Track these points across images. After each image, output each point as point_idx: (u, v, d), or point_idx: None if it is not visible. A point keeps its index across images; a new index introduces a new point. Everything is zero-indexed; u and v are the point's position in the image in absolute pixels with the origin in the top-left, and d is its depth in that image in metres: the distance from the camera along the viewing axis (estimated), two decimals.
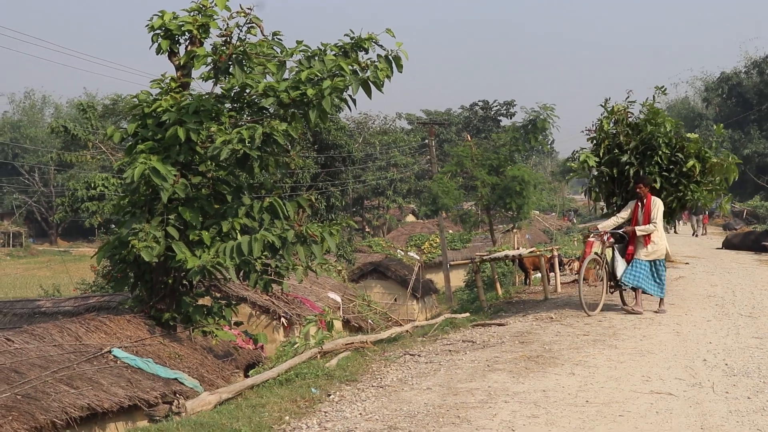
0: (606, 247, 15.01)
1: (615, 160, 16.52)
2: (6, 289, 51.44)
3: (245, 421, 8.53)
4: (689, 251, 30.35)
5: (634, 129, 16.82)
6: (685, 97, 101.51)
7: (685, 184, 16.35)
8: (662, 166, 16.31)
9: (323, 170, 47.23)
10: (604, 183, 16.99)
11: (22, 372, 11.91)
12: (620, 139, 16.70)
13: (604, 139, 16.85)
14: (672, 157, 16.39)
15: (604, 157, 16.63)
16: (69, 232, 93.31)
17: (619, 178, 16.61)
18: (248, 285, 15.92)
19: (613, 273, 15.03)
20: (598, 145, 16.93)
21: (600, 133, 17.04)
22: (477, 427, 7.83)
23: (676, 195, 16.47)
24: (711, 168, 16.61)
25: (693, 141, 16.52)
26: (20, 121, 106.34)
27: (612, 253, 15.04)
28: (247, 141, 13.65)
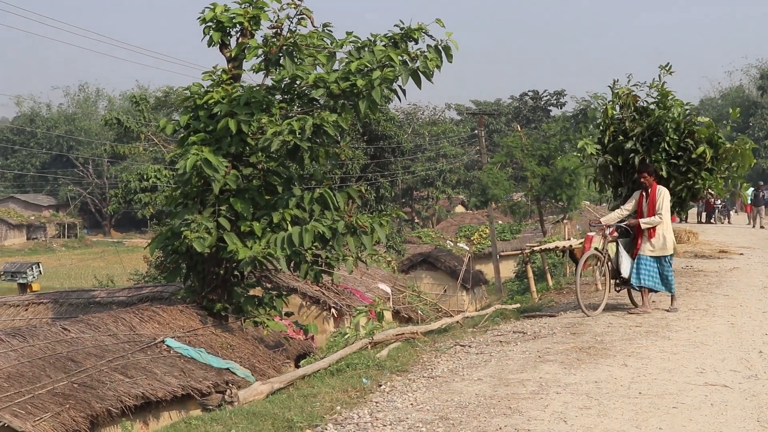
0: (609, 242, 13.73)
1: (620, 148, 15.52)
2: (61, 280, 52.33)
3: (297, 410, 8.57)
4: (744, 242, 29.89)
5: (642, 114, 15.79)
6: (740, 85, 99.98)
7: (695, 172, 15.30)
8: (670, 153, 15.27)
9: (373, 161, 47.27)
10: (609, 172, 15.98)
11: (78, 361, 12.10)
12: (626, 125, 15.68)
13: (609, 125, 15.85)
14: (681, 144, 15.29)
15: (608, 145, 15.65)
16: (122, 223, 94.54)
17: (625, 167, 15.57)
18: (299, 276, 16.01)
19: (617, 270, 13.79)
20: (603, 132, 15.94)
21: (605, 119, 16.04)
22: (528, 418, 7.79)
23: (685, 184, 15.44)
24: (725, 154, 15.55)
25: (706, 125, 15.46)
26: (75, 114, 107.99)
27: (616, 249, 13.83)
28: (298, 132, 13.71)
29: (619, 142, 15.44)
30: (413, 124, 73.04)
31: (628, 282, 13.75)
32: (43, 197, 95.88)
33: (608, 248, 13.64)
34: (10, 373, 11.11)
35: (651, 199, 13.74)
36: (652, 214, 13.64)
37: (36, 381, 11.15)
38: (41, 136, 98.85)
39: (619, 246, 13.75)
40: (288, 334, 18.63)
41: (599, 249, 13.56)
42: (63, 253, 76.98)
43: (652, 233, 13.60)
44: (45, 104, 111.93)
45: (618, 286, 14.10)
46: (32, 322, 18.02)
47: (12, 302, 20.47)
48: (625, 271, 13.64)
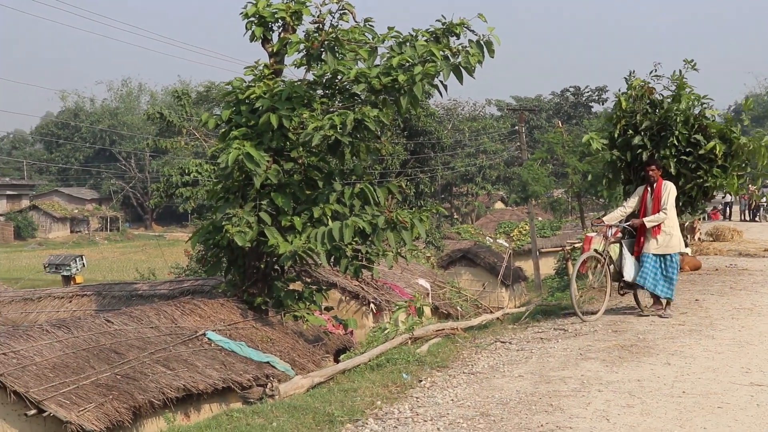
0: (611, 243, 12.80)
1: (629, 143, 14.86)
2: (104, 272, 52.88)
3: (338, 404, 8.59)
4: None
5: (656, 107, 15.07)
6: None
7: (705, 169, 14.55)
8: (679, 149, 14.59)
9: (412, 157, 47.23)
10: (619, 168, 15.21)
11: (121, 353, 12.23)
12: (636, 119, 14.97)
13: (620, 118, 15.15)
14: (690, 139, 14.60)
15: (618, 139, 14.97)
16: (163, 217, 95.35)
17: (633, 164, 14.88)
18: (338, 270, 16.04)
19: (620, 272, 12.87)
20: (614, 125, 15.27)
21: (616, 112, 15.32)
22: (570, 415, 7.74)
23: (695, 182, 14.70)
24: (739, 150, 14.78)
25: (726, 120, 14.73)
26: (117, 109, 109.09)
27: (619, 250, 12.90)
28: (339, 127, 13.73)
29: (628, 136, 14.84)
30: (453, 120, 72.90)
31: (633, 285, 12.95)
32: (86, 191, 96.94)
33: (610, 250, 12.78)
34: (55, 364, 11.25)
35: (656, 194, 12.88)
36: (656, 209, 12.79)
37: (80, 372, 11.28)
38: (85, 131, 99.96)
39: (623, 247, 12.89)
40: (327, 328, 18.67)
41: (599, 251, 12.69)
42: (105, 246, 77.78)
43: (656, 230, 12.76)
44: (89, 99, 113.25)
45: (622, 290, 13.25)
46: (76, 314, 18.24)
47: (56, 294, 20.75)
48: (628, 273, 12.77)
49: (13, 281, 42.07)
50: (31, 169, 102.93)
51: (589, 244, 12.65)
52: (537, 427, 7.41)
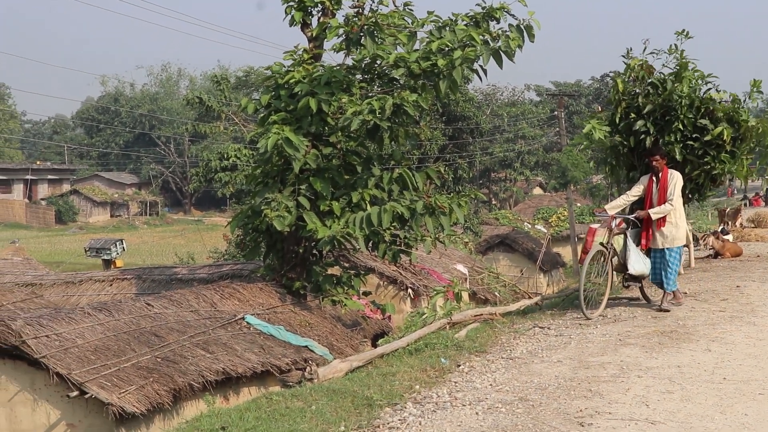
0: (615, 235, 12.21)
1: (631, 127, 14.09)
2: (143, 256, 53.34)
3: (376, 388, 8.63)
4: None
5: (657, 88, 14.21)
6: None
7: (713, 155, 13.83)
8: (685, 134, 13.81)
9: (451, 142, 47.12)
10: (621, 154, 14.51)
11: (161, 336, 12.34)
12: (638, 102, 14.10)
13: (620, 101, 14.31)
14: (697, 123, 13.84)
15: (620, 124, 14.23)
16: (202, 201, 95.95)
17: (637, 149, 14.12)
18: (377, 255, 16.06)
19: (624, 265, 12.29)
20: (614, 109, 14.45)
21: (615, 94, 14.46)
22: (609, 401, 7.71)
23: (702, 168, 13.97)
24: (747, 134, 14.06)
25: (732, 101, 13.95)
26: (157, 94, 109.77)
27: (623, 242, 12.29)
28: (378, 112, 13.72)
29: (630, 120, 14.11)
30: (492, 105, 72.58)
31: (638, 278, 12.44)
32: (126, 175, 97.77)
33: (614, 241, 12.20)
34: (96, 347, 11.38)
35: (662, 184, 12.34)
36: (663, 200, 12.25)
37: (121, 354, 11.40)
38: (125, 115, 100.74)
39: (627, 239, 12.31)
40: (365, 313, 18.71)
41: (604, 243, 12.09)
42: (145, 231, 78.45)
43: (662, 222, 12.27)
44: (129, 84, 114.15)
45: (626, 282, 12.78)
46: (117, 297, 18.43)
47: (97, 278, 20.97)
48: (633, 266, 12.18)
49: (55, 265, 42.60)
50: (71, 153, 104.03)
51: (593, 237, 12.20)
52: (576, 413, 7.39)
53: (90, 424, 10.77)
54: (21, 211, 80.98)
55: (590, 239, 12.20)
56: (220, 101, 34.88)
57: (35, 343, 10.86)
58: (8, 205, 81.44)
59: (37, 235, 70.24)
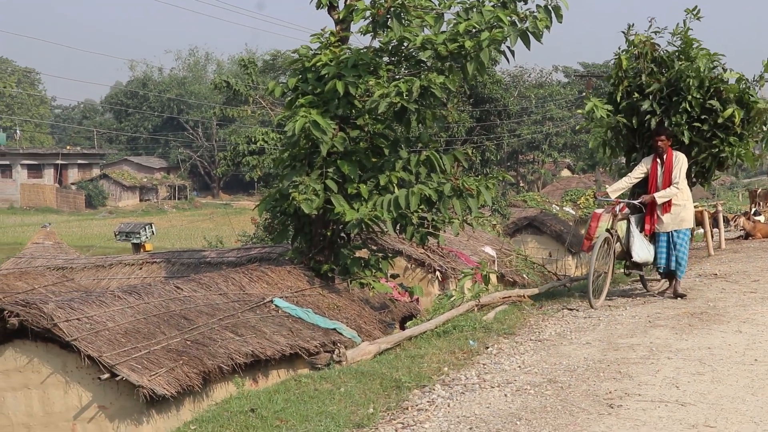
0: (619, 220, 11.84)
1: (635, 107, 13.55)
2: (172, 240, 53.74)
3: (405, 371, 8.65)
4: None
5: (661, 66, 13.66)
6: None
7: (721, 138, 13.23)
8: (692, 116, 13.24)
9: (478, 124, 46.97)
10: (622, 135, 13.98)
11: (191, 318, 12.41)
12: (642, 80, 13.58)
13: (622, 79, 13.75)
14: (705, 104, 13.22)
15: (621, 103, 13.65)
16: (230, 185, 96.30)
17: (640, 130, 13.62)
18: (404, 238, 16.04)
19: (628, 252, 11.92)
20: (615, 87, 13.89)
21: (617, 72, 13.90)
22: (639, 383, 7.68)
23: (710, 151, 13.37)
24: (757, 116, 13.51)
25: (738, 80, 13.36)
26: (185, 78, 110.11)
27: (627, 227, 11.93)
28: (405, 94, 13.67)
29: (633, 100, 13.54)
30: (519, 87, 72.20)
31: (641, 265, 12.11)
32: (155, 160, 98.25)
33: (618, 227, 11.85)
34: (127, 329, 11.47)
35: (667, 166, 11.97)
36: (668, 183, 11.91)
37: (151, 337, 11.48)
38: (153, 100, 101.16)
39: (631, 224, 11.94)
40: (393, 296, 18.72)
41: (609, 229, 11.72)
42: (174, 215, 78.92)
43: (667, 206, 11.93)
44: (157, 68, 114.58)
45: (628, 269, 12.39)
46: (146, 281, 18.56)
47: (127, 261, 21.14)
48: (637, 254, 11.80)
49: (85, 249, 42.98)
50: (101, 138, 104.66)
51: (597, 222, 11.71)
52: (605, 394, 7.38)
53: (121, 406, 10.87)
54: (52, 196, 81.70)
55: (594, 225, 11.70)
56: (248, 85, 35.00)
57: (67, 326, 10.95)
58: (39, 189, 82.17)
59: (67, 219, 70.86)
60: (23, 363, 11.35)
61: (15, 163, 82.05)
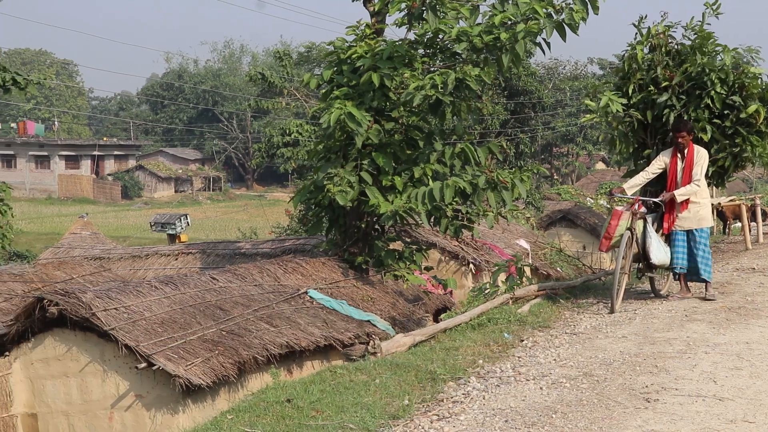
0: (637, 219, 11.21)
1: (649, 101, 12.97)
2: (207, 231, 54.04)
3: (440, 363, 8.66)
4: None
5: (676, 59, 13.16)
6: None
7: (744, 136, 12.64)
8: (714, 112, 12.67)
9: (512, 117, 46.80)
10: (632, 130, 13.34)
11: (226, 309, 12.50)
12: (657, 73, 12.99)
13: (634, 71, 13.25)
14: (727, 100, 12.64)
15: (633, 97, 13.06)
16: (264, 177, 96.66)
17: (654, 125, 13.02)
18: (438, 230, 16.03)
19: (645, 253, 11.27)
20: (627, 80, 13.36)
21: (629, 65, 13.37)
22: (676, 377, 7.64)
23: (730, 150, 12.79)
24: None
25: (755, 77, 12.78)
26: (220, 70, 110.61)
27: (643, 227, 11.30)
28: (440, 86, 13.66)
29: (648, 94, 13.01)
30: (554, 79, 71.83)
31: (656, 268, 11.47)
32: (190, 151, 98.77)
33: (636, 226, 11.21)
34: (163, 319, 11.58)
35: (688, 162, 11.35)
36: (687, 180, 11.30)
37: (187, 327, 11.58)
38: (188, 92, 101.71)
39: (647, 224, 11.34)
40: (427, 288, 18.72)
41: (630, 228, 11.11)
42: (208, 206, 79.37)
43: (685, 204, 11.34)
44: (193, 60, 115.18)
45: (640, 272, 11.75)
46: (182, 271, 18.71)
47: (163, 252, 21.32)
48: (655, 255, 11.15)
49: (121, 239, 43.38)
50: (137, 129, 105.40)
51: (618, 220, 11.08)
52: (641, 388, 7.35)
53: (157, 395, 10.99)
54: (89, 187, 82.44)
55: (614, 223, 11.09)
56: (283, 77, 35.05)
57: (104, 315, 11.08)
58: (77, 180, 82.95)
59: (104, 210, 71.51)
60: (62, 351, 11.51)
61: (53, 154, 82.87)
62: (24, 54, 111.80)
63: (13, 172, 78.59)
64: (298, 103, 37.44)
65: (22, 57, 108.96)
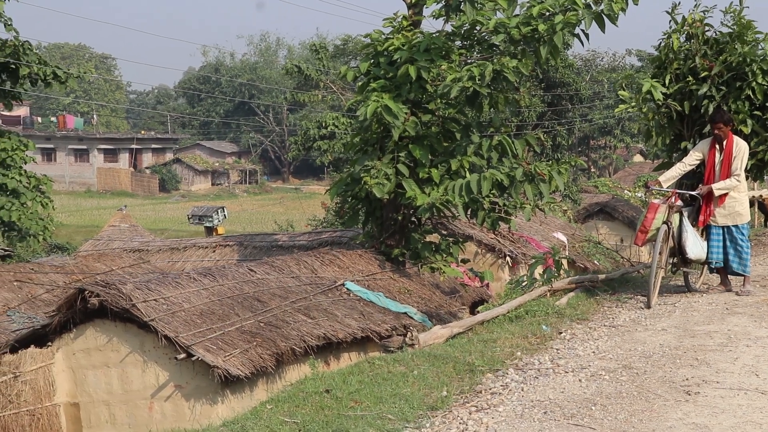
0: (673, 213, 10.88)
1: (686, 92, 12.64)
2: (243, 224, 54.32)
3: (477, 354, 8.64)
4: None
5: (714, 48, 12.80)
6: None
7: None
8: (754, 103, 12.28)
9: (549, 109, 46.56)
10: (669, 121, 13.00)
11: (264, 301, 12.57)
12: (695, 63, 12.66)
13: (671, 61, 12.86)
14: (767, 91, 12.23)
15: (670, 87, 12.67)
16: (299, 170, 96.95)
17: (691, 116, 12.67)
18: (475, 223, 15.99)
19: (680, 247, 10.98)
20: (663, 70, 12.97)
21: (666, 54, 13.01)
22: (717, 370, 7.58)
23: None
24: None
25: None
26: (257, 63, 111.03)
27: (679, 220, 10.97)
28: (477, 78, 13.62)
29: (686, 84, 12.66)
30: (591, 71, 71.31)
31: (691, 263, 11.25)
32: (226, 144, 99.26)
33: (672, 220, 10.89)
34: (202, 311, 11.67)
35: (726, 154, 10.94)
36: (726, 172, 10.92)
37: (226, 318, 11.66)
38: (225, 85, 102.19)
39: (683, 217, 10.99)
40: (463, 280, 18.70)
41: (667, 222, 10.79)
42: (245, 199, 79.73)
43: (722, 198, 10.98)
44: (229, 53, 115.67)
45: (675, 267, 11.42)
46: (220, 263, 18.83)
47: (201, 244, 21.48)
48: (692, 250, 10.89)
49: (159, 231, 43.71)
50: (174, 123, 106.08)
51: (654, 213, 10.75)
52: (682, 381, 7.29)
53: (197, 385, 11.08)
54: (127, 180, 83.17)
55: (651, 216, 10.76)
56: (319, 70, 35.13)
57: (144, 306, 11.18)
58: (115, 173, 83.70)
59: (142, 202, 72.10)
60: (103, 342, 11.64)
61: (92, 147, 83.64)
62: (63, 48, 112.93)
63: (54, 166, 79.35)
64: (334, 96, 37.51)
65: (62, 51, 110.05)
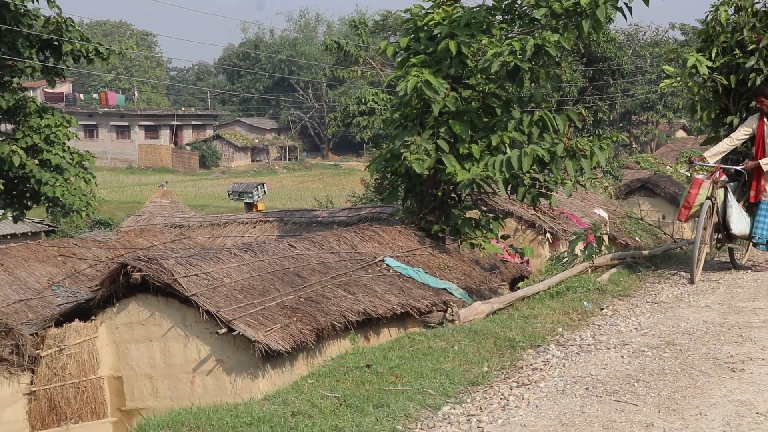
0: (718, 188, 10.59)
1: (733, 65, 12.19)
2: (283, 200, 54.57)
3: (518, 330, 8.60)
4: None
5: (764, 20, 12.31)
6: None
7: None
8: None
9: (591, 84, 46.10)
10: (715, 95, 12.57)
11: (304, 276, 12.62)
12: (743, 35, 12.17)
13: (718, 34, 12.42)
14: None
15: (716, 61, 12.28)
16: (339, 146, 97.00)
17: (738, 90, 12.22)
18: (515, 199, 15.91)
19: (725, 223, 10.71)
20: (710, 43, 12.54)
21: (712, 27, 12.54)
22: (762, 347, 7.47)
23: None
24: None
25: None
26: (296, 39, 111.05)
27: (723, 196, 10.67)
28: (518, 53, 13.51)
29: (733, 57, 12.21)
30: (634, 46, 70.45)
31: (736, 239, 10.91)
32: (266, 121, 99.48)
33: (717, 195, 10.59)
34: (243, 286, 11.74)
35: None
36: None
37: (266, 294, 11.73)
38: (265, 61, 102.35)
39: (728, 192, 10.69)
40: (503, 257, 18.64)
41: (711, 198, 10.51)
42: (284, 175, 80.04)
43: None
44: (269, 30, 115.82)
45: (719, 243, 11.18)
46: (260, 239, 18.92)
47: (241, 220, 21.59)
48: (736, 225, 10.60)
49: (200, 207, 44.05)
50: (214, 99, 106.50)
51: (698, 189, 10.50)
52: (726, 358, 7.21)
53: (238, 360, 11.16)
54: (167, 156, 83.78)
55: (694, 192, 10.50)
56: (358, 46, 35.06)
57: (186, 281, 11.28)
58: (156, 150, 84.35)
59: (182, 179, 72.65)
60: (145, 316, 11.76)
61: (133, 124, 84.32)
62: (105, 26, 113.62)
63: (96, 142, 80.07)
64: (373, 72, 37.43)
65: (103, 29, 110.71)
